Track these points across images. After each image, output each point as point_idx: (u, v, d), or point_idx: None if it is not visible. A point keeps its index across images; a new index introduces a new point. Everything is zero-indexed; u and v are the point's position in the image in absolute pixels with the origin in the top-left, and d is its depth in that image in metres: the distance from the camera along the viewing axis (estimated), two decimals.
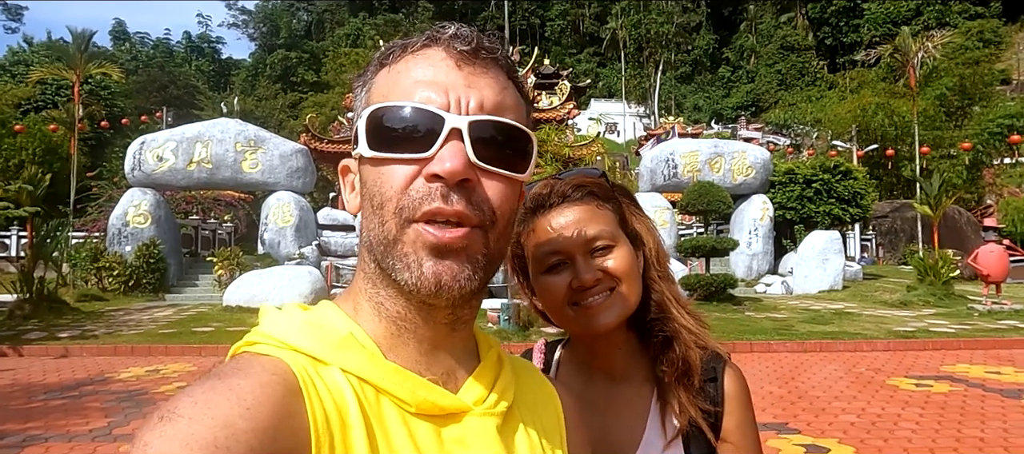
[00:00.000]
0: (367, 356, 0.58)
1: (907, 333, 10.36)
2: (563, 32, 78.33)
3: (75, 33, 22.55)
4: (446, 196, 0.56)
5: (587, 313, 0.92)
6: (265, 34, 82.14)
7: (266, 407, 0.49)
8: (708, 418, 0.94)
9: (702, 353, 0.98)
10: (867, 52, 33.56)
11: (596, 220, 0.93)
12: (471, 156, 0.57)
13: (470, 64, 0.60)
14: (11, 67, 44.36)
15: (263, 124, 27.08)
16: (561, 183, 0.95)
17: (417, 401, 0.58)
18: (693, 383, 0.95)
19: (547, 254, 0.93)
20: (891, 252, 25.21)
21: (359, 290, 0.63)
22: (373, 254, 0.60)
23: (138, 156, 16.72)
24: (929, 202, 19.17)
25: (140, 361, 9.25)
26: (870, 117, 31.10)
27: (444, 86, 0.58)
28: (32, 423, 5.91)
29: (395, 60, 0.61)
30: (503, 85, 0.62)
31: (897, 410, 6.14)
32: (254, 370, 0.52)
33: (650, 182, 18.85)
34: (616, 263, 0.92)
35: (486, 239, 0.59)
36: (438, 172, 0.56)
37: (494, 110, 0.60)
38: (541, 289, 0.95)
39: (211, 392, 0.48)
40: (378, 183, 0.58)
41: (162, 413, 0.47)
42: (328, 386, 0.55)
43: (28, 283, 12.66)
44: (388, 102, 0.59)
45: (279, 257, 16.13)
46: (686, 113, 62.99)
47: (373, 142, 0.58)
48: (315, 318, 0.61)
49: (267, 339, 0.57)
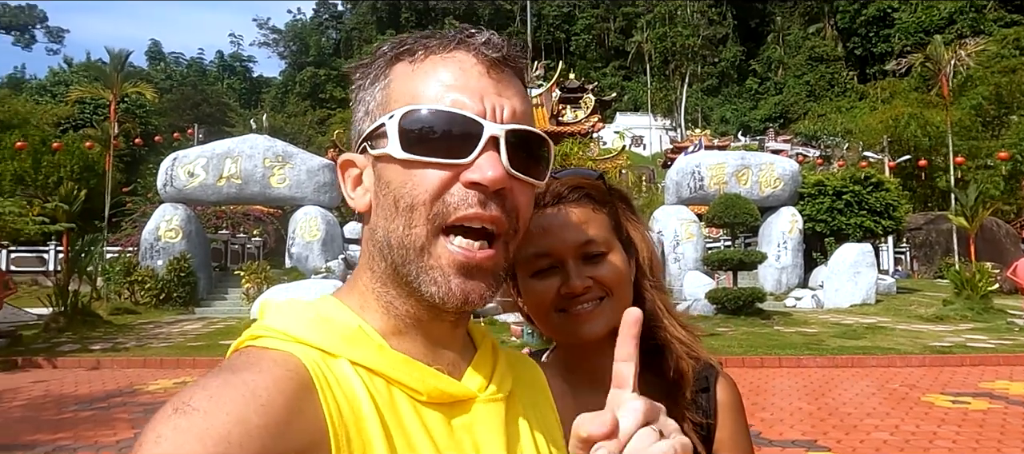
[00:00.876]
0: (376, 348, 0.58)
1: (943, 348, 10.05)
2: (588, 46, 78.41)
3: (112, 53, 23.22)
4: (484, 203, 0.57)
5: (574, 321, 0.89)
6: (295, 52, 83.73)
7: (280, 402, 0.48)
8: (700, 430, 0.90)
9: (694, 363, 0.93)
10: (898, 61, 32.88)
11: (591, 224, 0.90)
12: (507, 165, 0.58)
13: (499, 71, 0.61)
14: (52, 87, 45.87)
15: (292, 140, 27.50)
16: (557, 182, 0.91)
17: (427, 389, 0.58)
18: (685, 393, 0.91)
19: (537, 256, 0.89)
20: (926, 265, 24.58)
21: (366, 288, 0.63)
22: (387, 255, 0.60)
23: (170, 172, 17.10)
24: (965, 214, 18.68)
25: (169, 373, 9.40)
26: (902, 128, 30.47)
27: (478, 92, 0.59)
28: (62, 434, 6.02)
29: (420, 59, 0.61)
30: (524, 94, 0.63)
31: (933, 428, 5.94)
32: (267, 365, 0.52)
33: (676, 194, 18.69)
34: (608, 271, 0.89)
35: (507, 251, 0.61)
36: (480, 180, 0.57)
37: (523, 118, 0.61)
38: (528, 292, 0.91)
39: (225, 386, 0.48)
40: (408, 185, 0.58)
41: (176, 405, 0.46)
42: (339, 379, 0.55)
43: (63, 297, 12.99)
44: (423, 105, 0.58)
45: (306, 271, 16.31)
46: (713, 125, 62.43)
47: (406, 144, 0.58)
48: (322, 312, 0.61)
49: (274, 333, 0.57)
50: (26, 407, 7.26)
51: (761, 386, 8.05)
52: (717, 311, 13.45)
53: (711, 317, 13.17)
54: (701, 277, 16.16)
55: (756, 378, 8.54)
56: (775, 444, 5.52)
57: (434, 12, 78.01)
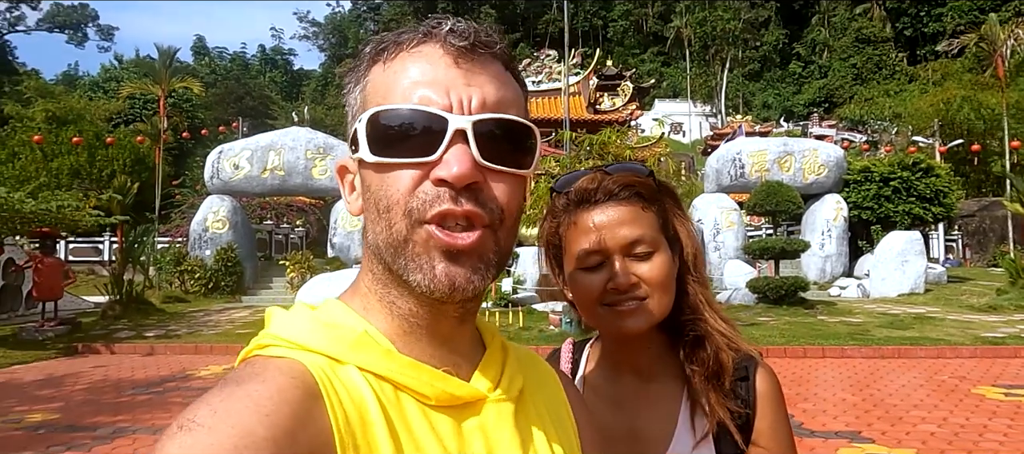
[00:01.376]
0: (383, 353, 0.58)
1: (996, 339, 9.72)
2: (626, 32, 77.33)
3: (161, 50, 23.90)
4: (455, 198, 0.56)
5: (618, 316, 0.92)
6: (334, 44, 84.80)
7: (285, 412, 0.48)
8: (738, 419, 0.92)
9: (734, 354, 0.96)
10: (950, 42, 31.63)
11: (639, 223, 0.93)
12: (477, 157, 0.56)
13: (468, 60, 0.58)
14: (104, 83, 47.58)
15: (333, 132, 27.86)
16: (609, 180, 0.94)
17: (435, 393, 0.58)
18: (724, 383, 0.93)
19: (586, 252, 0.93)
20: (979, 253, 23.73)
21: (368, 290, 0.63)
22: (381, 257, 0.60)
23: (216, 165, 17.58)
24: (1021, 200, 17.91)
25: (219, 359, 9.73)
26: (954, 111, 29.35)
27: (444, 85, 0.57)
28: (121, 416, 6.32)
29: (390, 57, 0.60)
30: (502, 79, 0.61)
31: (983, 420, 5.79)
32: (271, 374, 0.51)
33: (716, 182, 18.41)
34: (653, 270, 0.92)
35: (496, 238, 0.59)
36: (445, 177, 0.55)
37: (495, 107, 0.58)
38: (575, 284, 0.95)
39: (229, 399, 0.48)
40: (383, 187, 0.58)
41: (181, 422, 0.46)
42: (346, 385, 0.54)
43: (118, 286, 13.53)
44: (388, 105, 0.57)
45: (348, 260, 16.62)
46: (755, 111, 61.02)
47: (375, 146, 0.57)
48: (327, 317, 0.61)
49: (280, 341, 0.56)
50: (88, 391, 7.62)
51: (804, 376, 7.94)
52: (758, 300, 13.25)
53: (752, 306, 12.99)
54: (742, 266, 15.94)
55: (798, 368, 8.42)
56: (817, 435, 5.45)
57: (470, 1, 77.98)
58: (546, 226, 0.99)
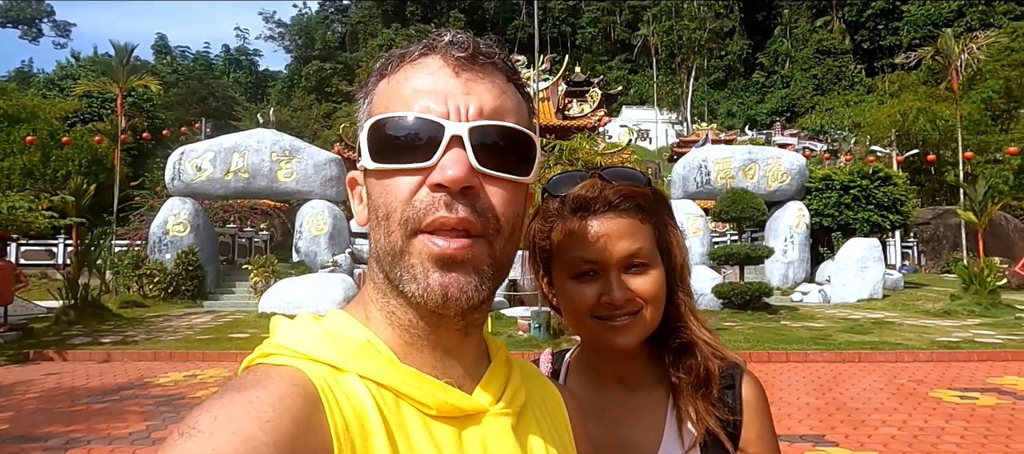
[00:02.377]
0: (385, 361, 0.58)
1: (951, 343, 10.02)
2: (594, 40, 78.12)
3: (118, 47, 23.28)
4: (450, 205, 0.56)
5: (609, 330, 0.91)
6: (300, 46, 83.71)
7: (286, 419, 0.48)
8: (726, 427, 0.92)
9: (720, 363, 0.95)
10: (907, 55, 32.71)
11: (637, 236, 0.91)
12: (473, 162, 0.57)
13: (468, 70, 0.60)
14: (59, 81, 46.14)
15: (298, 134, 27.57)
16: (608, 189, 0.91)
17: (437, 403, 0.58)
18: (712, 391, 0.93)
19: (581, 261, 0.90)
20: (934, 260, 24.50)
21: (370, 299, 0.63)
22: (381, 265, 0.61)
23: (178, 166, 17.17)
24: (974, 208, 18.61)
25: (178, 366, 9.46)
26: (911, 122, 30.32)
27: (443, 94, 0.58)
28: (75, 426, 6.08)
29: (394, 70, 0.62)
30: (502, 88, 0.61)
31: (941, 423, 5.94)
32: (273, 381, 0.52)
33: (682, 189, 18.65)
34: (648, 285, 0.90)
35: (492, 248, 0.59)
36: (441, 181, 0.56)
37: (494, 114, 0.59)
38: (566, 294, 0.93)
39: (231, 405, 0.48)
40: (383, 195, 0.59)
41: (182, 429, 0.47)
42: (347, 393, 0.55)
43: (73, 290, 13.08)
44: (387, 113, 0.59)
45: (313, 265, 16.37)
46: (719, 119, 62.25)
47: (375, 154, 0.59)
48: (330, 327, 0.61)
49: (282, 349, 0.57)
50: (40, 399, 7.33)
51: (768, 381, 8.05)
52: (724, 305, 13.45)
53: (718, 311, 13.17)
54: (707, 271, 16.15)
55: (763, 373, 8.54)
56: (783, 439, 5.53)
57: (439, 5, 77.85)
58: (534, 227, 0.96)
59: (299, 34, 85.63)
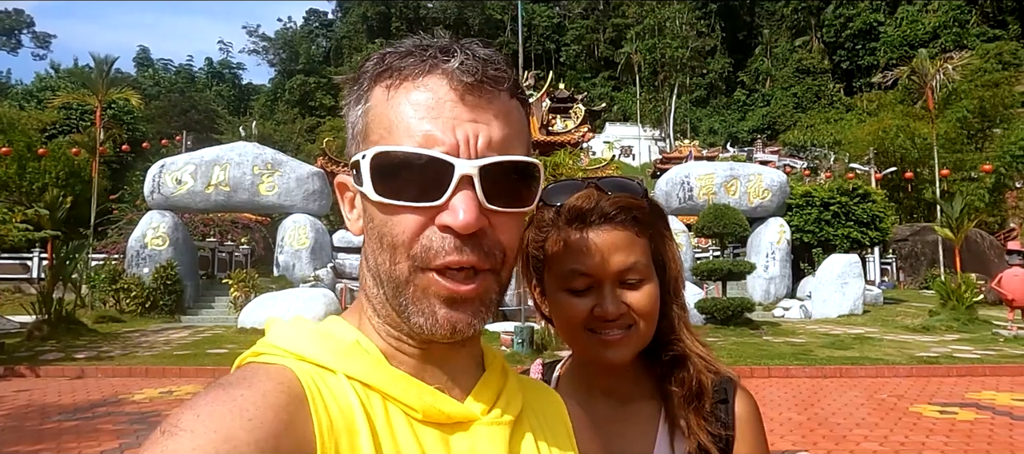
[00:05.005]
0: (373, 362, 0.58)
1: (930, 359, 10.12)
2: (578, 57, 78.80)
3: (98, 59, 23.05)
4: (460, 249, 0.56)
5: (602, 344, 0.89)
6: (284, 60, 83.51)
7: (268, 417, 0.48)
8: (718, 442, 0.90)
9: (713, 377, 0.94)
10: (884, 75, 33.45)
11: (633, 250, 0.88)
12: (483, 202, 0.56)
13: (476, 96, 0.57)
14: (38, 93, 45.42)
15: (281, 148, 27.38)
16: (605, 200, 0.89)
17: (424, 407, 0.57)
18: (704, 405, 0.91)
19: (575, 274, 0.88)
20: (912, 276, 24.81)
21: (365, 308, 0.63)
22: (380, 286, 0.60)
23: (158, 179, 16.96)
24: (950, 225, 18.86)
25: (154, 383, 9.27)
26: (890, 139, 30.83)
27: (450, 122, 0.56)
28: (44, 445, 5.91)
29: (395, 85, 0.58)
30: (507, 111, 0.59)
31: (921, 438, 5.97)
32: (258, 379, 0.51)
33: (665, 204, 18.44)
34: (642, 300, 0.88)
35: (498, 278, 0.60)
36: (451, 225, 0.55)
37: (502, 145, 0.58)
38: (559, 305, 0.90)
39: (213, 404, 0.48)
40: (387, 226, 0.57)
41: (165, 427, 0.46)
42: (334, 393, 0.54)
43: (47, 304, 12.80)
44: (392, 147, 0.56)
45: (294, 279, 16.20)
46: (701, 136, 62.84)
47: (379, 186, 0.56)
48: (322, 328, 0.61)
49: (273, 349, 0.57)
50: (8, 417, 7.13)
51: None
52: (706, 321, 13.49)
53: (700, 327, 13.20)
54: (690, 287, 16.21)
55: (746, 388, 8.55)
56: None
57: (424, 21, 78.09)
58: (528, 236, 0.93)
59: (283, 48, 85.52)
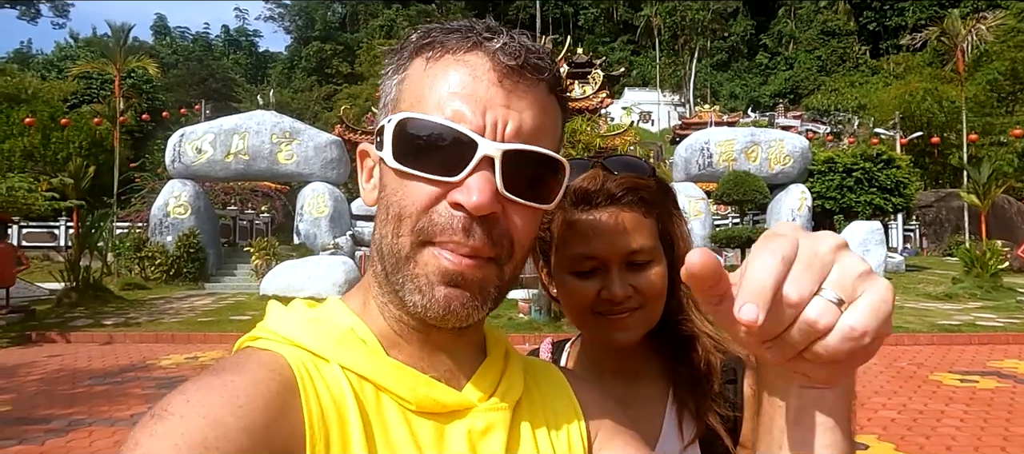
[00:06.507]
0: (367, 353, 0.57)
1: (952, 327, 10.02)
2: (596, 21, 77.48)
3: (114, 28, 23.13)
4: (468, 229, 0.54)
5: (610, 326, 0.88)
6: (301, 27, 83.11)
7: (259, 404, 0.48)
8: (726, 422, 0.90)
9: (722, 357, 0.93)
10: (912, 36, 32.41)
11: (640, 231, 0.88)
12: (500, 187, 0.54)
13: (513, 81, 0.56)
14: (58, 62, 45.91)
15: (298, 116, 27.44)
16: (611, 181, 0.88)
17: (418, 398, 0.57)
18: (713, 385, 0.91)
19: (582, 257, 0.87)
20: (936, 243, 24.45)
21: (368, 287, 0.62)
22: (383, 261, 0.59)
23: (178, 148, 17.12)
24: (977, 191, 18.52)
25: (180, 348, 9.50)
26: (917, 103, 30.10)
27: (482, 102, 0.55)
28: (77, 408, 6.11)
29: (435, 57, 0.57)
30: (543, 105, 0.58)
31: (940, 406, 5.95)
32: (250, 366, 0.52)
33: (684, 171, 18.58)
34: (649, 281, 0.88)
35: (501, 271, 0.58)
36: (463, 203, 0.53)
37: (531, 135, 0.56)
38: (566, 288, 0.90)
39: (204, 389, 0.48)
40: (398, 195, 0.56)
41: (155, 411, 0.46)
42: (327, 382, 0.54)
43: (74, 272, 13.10)
44: (419, 114, 0.55)
45: (314, 247, 16.36)
46: (722, 101, 61.81)
47: (399, 153, 0.55)
48: (318, 314, 0.61)
49: (270, 334, 0.57)
50: (41, 381, 7.36)
51: None
52: None
53: None
54: None
55: None
56: None
57: None
58: None
59: (299, 15, 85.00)
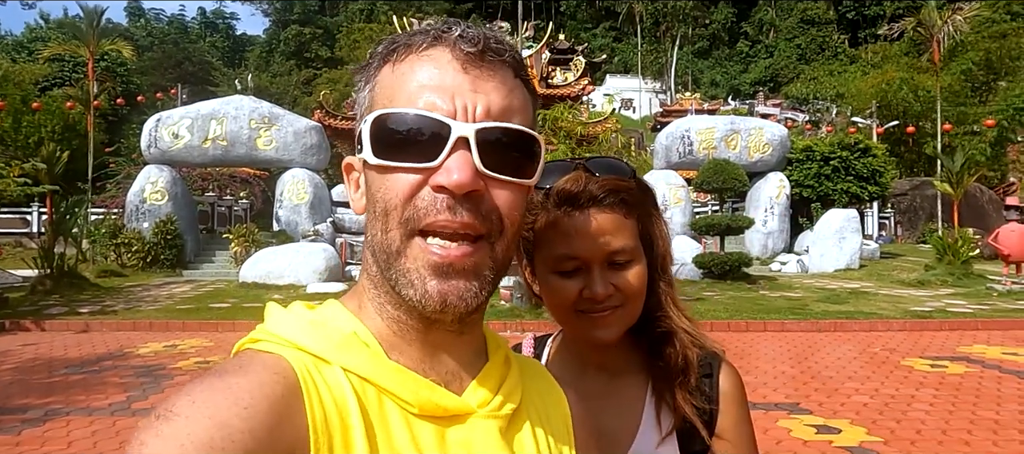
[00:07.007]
0: (369, 355, 0.57)
1: (924, 313, 10.26)
2: (578, 6, 77.15)
3: (87, 9, 22.60)
4: (453, 208, 0.55)
5: (591, 324, 0.92)
6: (279, 9, 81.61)
7: (263, 407, 0.48)
8: (702, 415, 0.93)
9: (699, 352, 0.97)
10: (890, 26, 32.77)
11: (621, 232, 0.91)
12: (479, 165, 0.55)
13: (477, 66, 0.58)
14: (29, 44, 44.75)
15: (277, 101, 27.10)
16: (594, 184, 0.91)
17: (420, 402, 0.57)
18: (689, 380, 0.94)
19: (564, 257, 0.90)
20: (910, 231, 24.91)
21: (363, 289, 0.63)
22: (376, 260, 0.60)
23: (154, 133, 16.86)
24: (950, 180, 18.87)
25: (158, 336, 9.41)
26: (893, 92, 30.52)
27: (450, 90, 0.57)
28: (53, 397, 6.04)
29: (400, 59, 0.59)
30: (510, 86, 0.60)
31: (911, 391, 6.10)
32: (255, 368, 0.52)
33: (665, 159, 18.70)
34: (630, 281, 0.91)
35: (494, 251, 0.59)
36: (445, 183, 0.55)
37: (501, 114, 0.58)
38: (549, 287, 0.93)
39: (209, 391, 0.48)
40: (382, 190, 0.57)
41: (160, 412, 0.47)
42: (329, 385, 0.54)
43: (48, 259, 12.89)
44: (392, 108, 0.57)
45: (294, 234, 16.26)
46: (703, 89, 62.08)
47: (378, 149, 0.57)
48: (319, 316, 0.61)
49: (271, 336, 0.57)
50: (16, 370, 7.25)
51: (746, 350, 8.20)
52: (704, 275, 13.60)
53: (698, 281, 13.32)
54: (688, 242, 16.29)
55: (741, 342, 8.69)
56: (758, 407, 5.64)
57: None
58: None
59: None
